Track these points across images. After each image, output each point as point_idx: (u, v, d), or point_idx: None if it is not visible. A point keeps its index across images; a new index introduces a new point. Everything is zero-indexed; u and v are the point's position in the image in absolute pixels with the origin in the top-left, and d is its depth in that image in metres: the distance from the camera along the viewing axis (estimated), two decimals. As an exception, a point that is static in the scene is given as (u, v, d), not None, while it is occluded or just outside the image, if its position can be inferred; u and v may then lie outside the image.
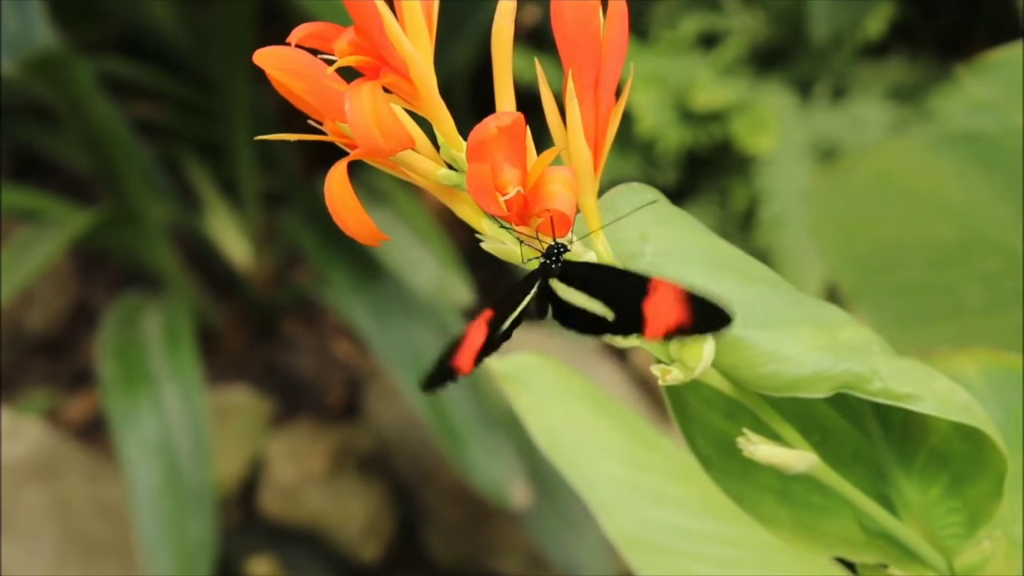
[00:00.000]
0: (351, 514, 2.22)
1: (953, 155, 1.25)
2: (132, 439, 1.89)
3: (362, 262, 2.05)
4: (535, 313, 0.60)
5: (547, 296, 0.60)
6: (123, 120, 2.22)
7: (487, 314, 0.60)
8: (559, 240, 0.58)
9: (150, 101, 2.51)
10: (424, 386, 0.60)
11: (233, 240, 2.41)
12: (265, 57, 0.58)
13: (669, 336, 0.57)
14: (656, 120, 2.27)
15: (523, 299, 0.60)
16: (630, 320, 0.58)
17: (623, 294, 0.58)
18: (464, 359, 0.59)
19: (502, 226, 0.59)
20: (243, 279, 2.42)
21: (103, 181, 2.26)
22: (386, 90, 0.56)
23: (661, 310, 0.57)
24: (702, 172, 2.41)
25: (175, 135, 2.47)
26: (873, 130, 2.27)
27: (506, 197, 0.55)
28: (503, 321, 0.60)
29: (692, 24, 2.38)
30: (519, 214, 0.56)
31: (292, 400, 2.38)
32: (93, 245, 2.38)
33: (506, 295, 0.60)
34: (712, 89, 2.30)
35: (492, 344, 0.60)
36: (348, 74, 0.57)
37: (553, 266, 0.59)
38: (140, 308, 2.10)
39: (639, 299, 0.58)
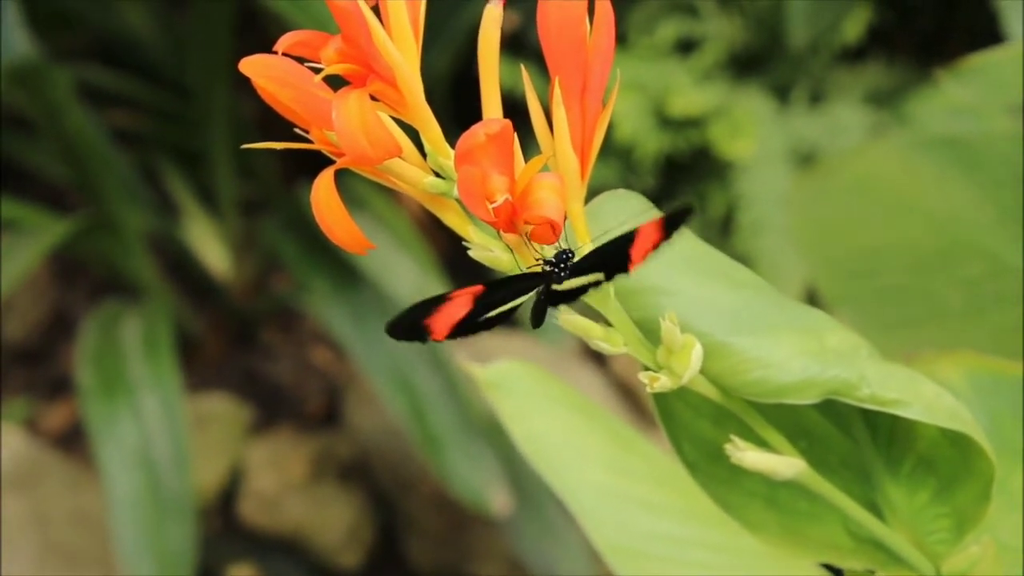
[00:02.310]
0: (331, 522, 2.21)
1: (932, 159, 1.25)
2: (111, 448, 1.88)
3: (341, 269, 2.05)
4: (533, 322, 0.60)
5: (548, 300, 0.59)
6: (100, 128, 2.21)
7: (478, 288, 0.59)
8: (563, 247, 0.58)
9: (127, 109, 2.50)
10: (389, 330, 0.59)
11: (212, 248, 2.40)
12: (251, 65, 0.57)
13: (647, 256, 0.57)
14: (634, 126, 2.28)
15: (517, 297, 0.60)
16: (618, 267, 0.58)
17: (613, 253, 0.58)
18: (440, 324, 0.59)
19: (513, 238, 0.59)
20: (222, 287, 2.42)
21: (81, 190, 2.26)
22: (373, 98, 0.56)
23: (642, 245, 0.57)
24: (680, 178, 2.41)
25: (153, 143, 2.47)
26: (851, 135, 2.27)
27: (494, 205, 0.55)
28: (491, 305, 0.59)
29: (670, 30, 2.39)
30: (507, 221, 0.56)
31: (272, 408, 2.38)
32: (71, 254, 2.37)
33: (504, 281, 0.60)
34: (690, 95, 2.30)
35: (473, 324, 0.59)
36: (335, 82, 0.57)
37: (562, 275, 0.59)
38: (119, 316, 2.09)
39: (627, 248, 0.57)
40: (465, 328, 0.59)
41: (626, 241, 0.57)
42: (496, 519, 1.94)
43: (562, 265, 0.58)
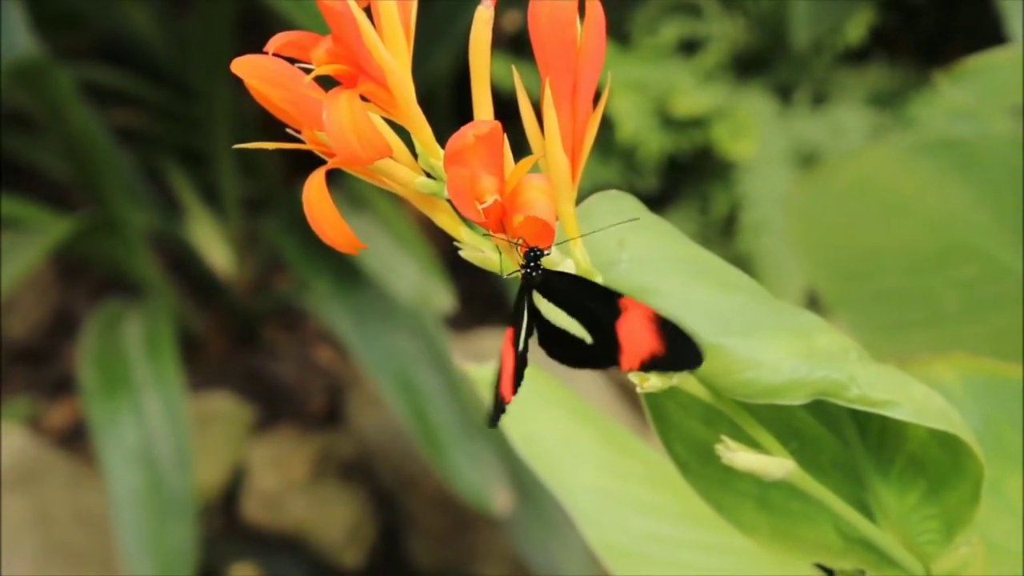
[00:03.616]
0: (333, 521, 2.21)
1: (932, 161, 1.25)
2: (113, 446, 1.89)
3: (344, 269, 2.05)
4: (511, 321, 0.60)
5: (533, 315, 0.60)
6: (104, 127, 2.22)
7: (509, 334, 0.60)
8: (535, 246, 0.58)
9: (131, 108, 2.51)
10: (490, 424, 0.61)
11: (214, 247, 2.41)
12: (243, 66, 0.58)
13: (645, 367, 0.58)
14: (637, 126, 2.28)
15: (522, 314, 0.60)
16: (607, 346, 0.58)
17: (597, 311, 0.58)
18: (506, 386, 0.60)
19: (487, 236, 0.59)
20: (224, 286, 2.42)
21: (84, 188, 2.26)
22: (364, 99, 0.56)
23: (635, 336, 0.58)
24: (683, 178, 2.41)
25: (156, 142, 2.47)
26: (853, 136, 2.27)
27: (484, 205, 0.55)
28: (520, 338, 0.60)
29: (673, 30, 2.39)
30: (497, 222, 0.56)
31: (274, 407, 2.38)
32: (74, 253, 2.38)
33: (512, 311, 0.60)
34: (693, 95, 2.31)
35: (522, 362, 0.60)
36: (326, 83, 0.57)
37: (533, 274, 0.59)
38: (121, 315, 2.10)
39: (612, 318, 0.58)
40: (520, 370, 0.60)
41: (613, 309, 0.58)
42: (497, 518, 1.94)
43: (533, 264, 0.59)
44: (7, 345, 2.47)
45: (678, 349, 0.58)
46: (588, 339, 0.59)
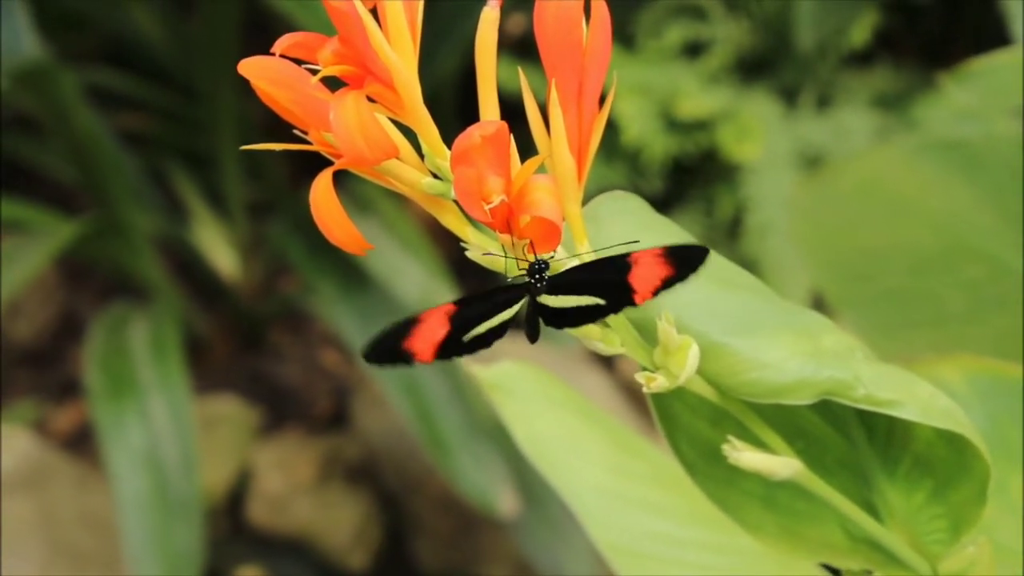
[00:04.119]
0: (339, 523, 2.22)
1: (936, 163, 1.25)
2: (119, 449, 1.89)
3: (349, 271, 2.05)
4: (528, 336, 0.61)
5: (537, 313, 0.60)
6: (108, 130, 2.22)
7: (448, 307, 0.60)
8: (540, 257, 0.58)
9: (136, 112, 2.51)
10: (366, 355, 0.60)
11: (220, 250, 2.41)
12: (249, 67, 0.58)
13: (658, 292, 0.58)
14: (642, 129, 2.28)
15: (503, 310, 0.60)
16: (620, 297, 0.59)
17: (609, 280, 0.59)
18: (422, 347, 0.59)
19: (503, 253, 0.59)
20: (230, 289, 2.42)
21: (89, 192, 2.26)
22: (371, 99, 0.56)
23: (645, 275, 0.58)
24: (688, 181, 2.41)
25: (161, 145, 2.47)
26: (857, 138, 2.27)
27: (490, 206, 0.55)
28: (471, 321, 0.60)
29: (677, 33, 2.39)
30: (504, 222, 0.56)
31: (279, 410, 2.38)
32: (79, 256, 2.38)
33: (482, 296, 0.60)
34: (697, 98, 2.31)
35: (459, 343, 0.60)
36: (333, 84, 0.57)
37: (539, 285, 0.59)
38: (127, 318, 2.10)
39: (624, 276, 0.58)
40: (452, 347, 0.60)
41: (623, 267, 0.58)
42: (503, 520, 1.94)
43: (537, 276, 0.59)
44: (13, 348, 2.47)
45: (686, 260, 0.58)
46: (600, 302, 0.59)
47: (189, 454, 1.91)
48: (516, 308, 0.60)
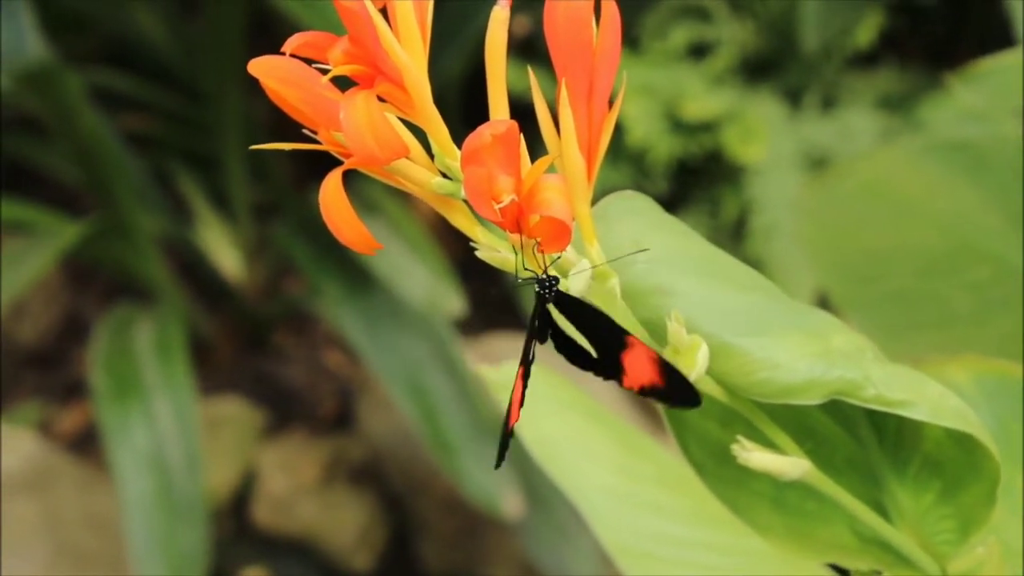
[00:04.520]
0: (343, 524, 2.22)
1: (942, 164, 1.25)
2: (124, 451, 1.89)
3: (354, 273, 2.05)
4: (537, 336, 0.61)
5: (547, 321, 0.61)
6: (113, 132, 2.22)
7: (520, 372, 0.62)
8: (551, 274, 0.59)
9: (140, 113, 2.51)
10: (496, 464, 0.63)
11: (224, 251, 2.41)
12: (259, 66, 0.58)
13: (644, 393, 0.60)
14: (647, 130, 2.28)
15: (539, 331, 0.61)
16: (611, 366, 0.60)
17: (604, 339, 0.60)
18: (514, 415, 0.62)
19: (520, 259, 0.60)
20: (235, 290, 2.42)
21: (94, 193, 2.26)
22: (381, 99, 0.56)
23: (637, 366, 0.59)
24: (693, 182, 2.41)
25: (166, 147, 2.47)
26: (863, 139, 2.27)
27: (500, 205, 0.55)
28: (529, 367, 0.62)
29: (682, 34, 2.39)
30: (513, 221, 0.56)
31: (284, 411, 2.38)
32: (84, 257, 2.38)
33: (528, 328, 0.62)
34: (702, 99, 2.31)
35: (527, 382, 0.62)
36: (343, 83, 0.57)
37: (548, 295, 0.59)
38: (131, 320, 2.10)
39: (618, 350, 0.60)
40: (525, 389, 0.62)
41: (621, 343, 0.59)
42: (508, 522, 1.94)
43: (547, 289, 0.59)
44: (17, 349, 2.47)
45: (676, 388, 0.60)
46: (595, 354, 0.61)
47: (194, 455, 1.91)
48: (537, 316, 0.61)
